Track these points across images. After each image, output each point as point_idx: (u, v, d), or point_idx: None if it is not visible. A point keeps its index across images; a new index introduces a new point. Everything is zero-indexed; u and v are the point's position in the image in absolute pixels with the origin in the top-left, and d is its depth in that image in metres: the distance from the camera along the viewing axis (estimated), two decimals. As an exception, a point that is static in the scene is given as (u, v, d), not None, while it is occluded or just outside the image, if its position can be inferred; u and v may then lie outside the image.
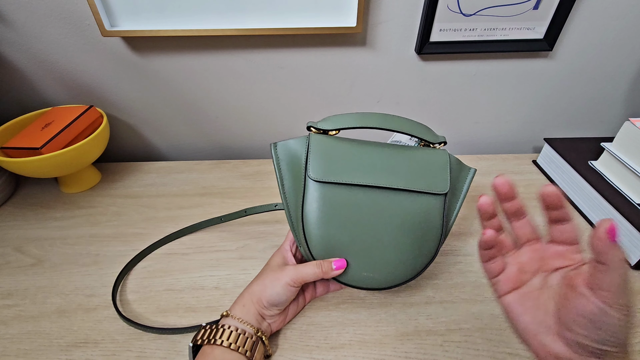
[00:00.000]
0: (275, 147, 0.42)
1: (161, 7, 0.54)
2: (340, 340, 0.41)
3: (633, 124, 0.53)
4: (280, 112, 0.70)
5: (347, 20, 0.56)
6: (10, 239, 0.53)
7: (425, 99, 0.69)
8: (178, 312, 0.44)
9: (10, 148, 0.55)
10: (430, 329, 0.42)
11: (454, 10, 0.56)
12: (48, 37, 0.57)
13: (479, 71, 0.66)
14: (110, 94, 0.65)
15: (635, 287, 0.47)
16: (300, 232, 0.40)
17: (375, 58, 0.63)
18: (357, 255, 0.40)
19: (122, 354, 0.39)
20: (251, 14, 0.55)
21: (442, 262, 0.50)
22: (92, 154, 0.59)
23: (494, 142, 0.78)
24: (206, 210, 0.59)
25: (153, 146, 0.75)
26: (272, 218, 0.57)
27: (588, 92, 0.70)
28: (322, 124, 0.43)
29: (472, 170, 0.45)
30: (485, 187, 0.64)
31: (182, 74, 0.63)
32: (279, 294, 0.38)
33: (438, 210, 0.41)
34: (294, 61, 0.63)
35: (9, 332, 0.41)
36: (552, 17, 0.58)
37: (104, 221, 0.57)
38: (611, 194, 0.53)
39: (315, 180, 0.40)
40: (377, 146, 0.43)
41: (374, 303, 0.45)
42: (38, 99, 0.65)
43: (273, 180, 0.66)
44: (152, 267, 0.49)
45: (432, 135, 0.44)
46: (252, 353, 0.35)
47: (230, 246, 0.52)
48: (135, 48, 0.60)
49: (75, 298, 0.45)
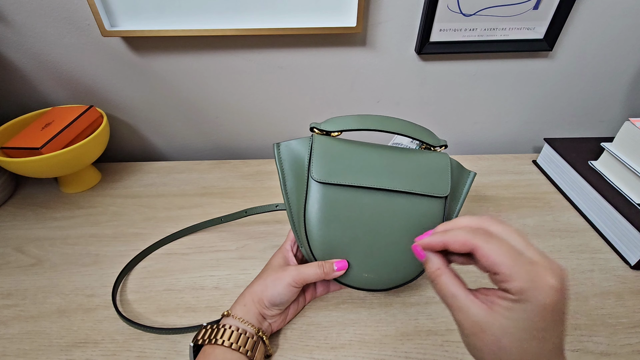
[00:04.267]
0: (278, 147, 0.42)
1: (161, 7, 0.54)
2: (340, 340, 0.41)
3: (633, 124, 0.53)
4: (280, 112, 0.70)
5: (347, 20, 0.56)
6: (10, 239, 0.53)
7: (425, 99, 0.69)
8: (178, 312, 0.44)
9: (10, 148, 0.55)
10: (430, 329, 0.42)
11: (454, 10, 0.56)
12: (48, 37, 0.57)
13: (479, 71, 0.66)
14: (110, 94, 0.65)
15: (635, 287, 0.47)
16: (302, 232, 0.40)
17: (375, 58, 0.63)
18: (358, 256, 0.40)
19: (122, 354, 0.39)
20: (251, 14, 0.55)
21: (442, 262, 0.50)
22: (92, 154, 0.59)
23: (493, 142, 0.78)
24: (206, 211, 0.59)
25: (153, 146, 0.75)
26: (272, 218, 0.57)
27: (588, 92, 0.70)
28: (325, 125, 0.43)
29: (472, 174, 0.45)
30: (485, 188, 0.64)
31: (182, 74, 0.63)
32: (280, 294, 0.38)
33: (438, 212, 0.41)
34: (294, 61, 0.63)
35: (9, 332, 0.41)
36: (552, 17, 0.58)
37: (104, 221, 0.57)
38: (611, 194, 0.53)
39: (318, 181, 0.40)
40: (379, 148, 0.43)
41: (374, 303, 0.45)
42: (38, 99, 0.65)
43: (273, 180, 0.66)
44: (152, 267, 0.49)
45: (433, 139, 0.44)
46: (252, 353, 0.35)
47: (230, 246, 0.52)
48: (135, 48, 0.60)
49: (75, 298, 0.45)
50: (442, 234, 0.27)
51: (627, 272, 0.49)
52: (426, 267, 0.29)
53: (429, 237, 0.28)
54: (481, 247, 0.25)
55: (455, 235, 0.26)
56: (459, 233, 0.26)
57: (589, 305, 0.44)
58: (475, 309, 0.25)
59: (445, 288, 0.26)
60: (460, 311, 0.25)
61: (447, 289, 0.26)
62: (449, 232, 0.27)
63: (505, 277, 0.24)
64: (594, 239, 0.54)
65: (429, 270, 0.28)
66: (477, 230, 0.26)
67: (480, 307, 0.25)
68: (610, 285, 0.47)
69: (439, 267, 0.27)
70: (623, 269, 0.49)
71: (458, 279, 0.27)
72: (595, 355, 0.39)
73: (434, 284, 0.28)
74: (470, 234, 0.26)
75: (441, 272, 0.27)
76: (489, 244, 0.25)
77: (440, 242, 0.27)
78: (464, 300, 0.25)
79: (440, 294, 0.27)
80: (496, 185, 0.65)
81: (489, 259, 0.24)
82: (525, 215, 0.58)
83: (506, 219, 0.57)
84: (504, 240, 0.25)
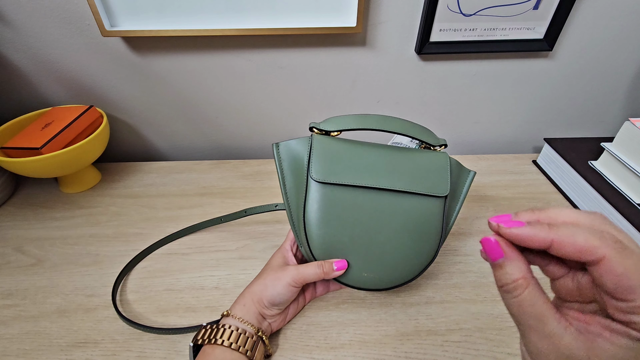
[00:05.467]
0: (278, 147, 0.42)
1: (161, 7, 0.54)
2: (340, 340, 0.41)
3: (633, 124, 0.53)
4: (280, 112, 0.70)
5: (347, 20, 0.56)
6: (10, 239, 0.53)
7: (425, 99, 0.69)
8: (178, 312, 0.44)
9: (10, 148, 0.55)
10: (430, 329, 0.42)
11: (454, 10, 0.56)
12: (48, 37, 0.57)
13: (479, 71, 0.66)
14: (110, 94, 0.65)
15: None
16: (301, 232, 0.40)
17: (375, 58, 0.63)
18: (357, 256, 0.40)
19: (122, 354, 0.39)
20: (251, 14, 0.55)
21: (442, 262, 0.50)
22: (92, 154, 0.59)
23: (494, 142, 0.78)
24: (206, 210, 0.59)
25: (153, 146, 0.75)
26: (272, 218, 0.57)
27: (588, 92, 0.70)
28: (324, 125, 0.43)
29: (471, 173, 0.45)
30: (485, 188, 0.64)
31: (182, 74, 0.63)
32: (280, 293, 0.38)
33: (438, 212, 0.41)
34: (294, 61, 0.63)
35: (9, 332, 0.41)
36: (552, 17, 0.58)
37: (104, 221, 0.57)
38: (611, 194, 0.53)
39: (317, 181, 0.40)
40: (378, 148, 0.43)
41: (374, 303, 0.45)
42: (38, 99, 0.65)
43: (273, 180, 0.66)
44: (152, 267, 0.49)
45: (433, 138, 0.44)
46: (252, 353, 0.35)
47: (230, 246, 0.52)
48: (135, 48, 0.60)
49: (75, 298, 0.45)
50: (549, 228, 0.19)
51: (627, 272, 0.49)
52: (501, 272, 0.20)
53: (526, 228, 0.20)
54: (612, 259, 0.18)
55: (573, 234, 0.19)
56: (578, 232, 0.19)
57: (589, 305, 0.44)
58: (569, 339, 0.18)
59: (530, 305, 0.19)
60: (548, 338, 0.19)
61: (534, 306, 0.19)
62: (560, 227, 0.19)
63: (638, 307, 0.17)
64: (594, 239, 0.54)
65: (508, 278, 0.20)
66: (603, 234, 0.18)
67: (578, 337, 0.18)
68: (610, 285, 0.47)
69: (524, 276, 0.20)
70: (623, 269, 0.49)
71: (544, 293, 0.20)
72: (595, 355, 0.39)
73: (512, 297, 0.20)
74: (595, 237, 0.18)
75: (527, 282, 0.20)
76: (625, 258, 0.17)
77: (546, 241, 0.19)
78: (555, 325, 0.19)
79: (520, 311, 0.20)
80: (496, 185, 0.65)
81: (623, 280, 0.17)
82: (525, 215, 0.58)
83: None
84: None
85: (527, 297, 0.19)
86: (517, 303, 0.20)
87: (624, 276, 0.17)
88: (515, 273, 0.20)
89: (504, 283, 0.20)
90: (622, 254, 0.18)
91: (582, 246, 0.18)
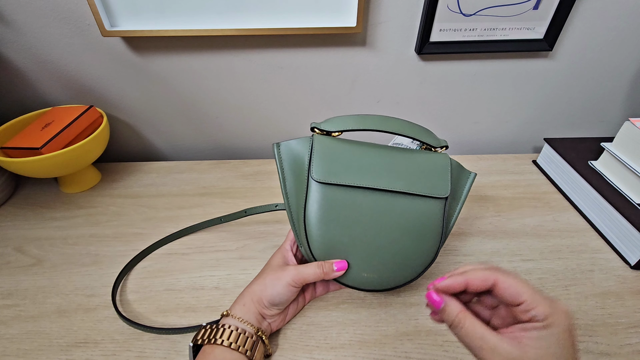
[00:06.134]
0: (279, 147, 0.42)
1: (161, 7, 0.54)
2: (340, 340, 0.41)
3: (633, 124, 0.53)
4: (280, 112, 0.70)
5: (347, 20, 0.56)
6: (10, 239, 0.53)
7: (425, 99, 0.69)
8: (178, 312, 0.44)
9: (10, 148, 0.55)
10: (430, 329, 0.42)
11: (454, 10, 0.56)
12: (48, 37, 0.57)
13: (479, 71, 0.66)
14: (110, 94, 0.65)
15: (635, 287, 0.47)
16: (301, 232, 0.40)
17: (375, 58, 0.63)
18: (357, 256, 0.40)
19: (122, 354, 0.39)
20: (251, 14, 0.55)
21: (442, 262, 0.50)
22: (92, 154, 0.59)
23: (494, 142, 0.78)
24: (206, 210, 0.59)
25: (153, 146, 0.75)
26: (272, 218, 0.57)
27: (588, 92, 0.70)
28: (325, 125, 0.43)
29: (472, 175, 0.45)
30: (485, 188, 0.64)
31: (182, 74, 0.63)
32: (279, 293, 0.38)
33: (438, 213, 0.41)
34: (294, 61, 0.63)
35: (9, 332, 0.41)
36: (552, 17, 0.58)
37: (104, 221, 0.57)
38: (611, 194, 0.53)
39: (318, 181, 0.40)
40: (379, 149, 0.43)
41: (374, 303, 0.45)
42: (38, 99, 0.65)
43: (273, 180, 0.66)
44: (152, 267, 0.49)
45: (434, 139, 0.44)
46: (252, 352, 0.35)
47: (230, 246, 0.52)
48: (135, 48, 0.60)
49: (75, 298, 0.45)
50: (461, 274, 0.28)
51: (627, 272, 0.49)
52: (445, 313, 0.28)
53: (447, 280, 0.28)
54: (503, 280, 0.27)
55: (474, 272, 0.28)
56: (476, 271, 0.28)
57: (589, 305, 0.44)
58: (506, 347, 0.25)
59: (472, 331, 0.26)
60: (492, 351, 0.25)
61: (475, 331, 0.26)
62: (467, 272, 0.28)
63: (530, 304, 0.25)
64: (594, 239, 0.54)
65: (450, 316, 0.27)
66: (491, 268, 0.28)
67: (511, 343, 0.25)
68: (610, 285, 0.47)
69: (460, 310, 0.27)
70: (623, 269, 0.49)
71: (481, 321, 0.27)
72: (595, 355, 0.39)
73: (458, 329, 0.27)
74: (488, 270, 0.27)
75: (464, 315, 0.27)
76: (509, 277, 0.27)
77: (462, 282, 0.28)
78: (493, 340, 0.25)
79: (467, 338, 0.26)
80: (496, 185, 0.65)
81: (512, 289, 0.26)
82: (525, 215, 0.58)
83: (506, 219, 0.57)
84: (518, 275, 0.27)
85: (469, 326, 0.26)
86: (464, 332, 0.26)
87: (512, 288, 0.26)
88: (454, 310, 0.27)
89: (450, 320, 0.27)
90: (505, 275, 0.27)
91: (482, 278, 0.27)
